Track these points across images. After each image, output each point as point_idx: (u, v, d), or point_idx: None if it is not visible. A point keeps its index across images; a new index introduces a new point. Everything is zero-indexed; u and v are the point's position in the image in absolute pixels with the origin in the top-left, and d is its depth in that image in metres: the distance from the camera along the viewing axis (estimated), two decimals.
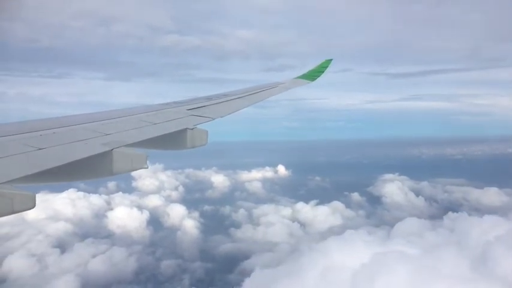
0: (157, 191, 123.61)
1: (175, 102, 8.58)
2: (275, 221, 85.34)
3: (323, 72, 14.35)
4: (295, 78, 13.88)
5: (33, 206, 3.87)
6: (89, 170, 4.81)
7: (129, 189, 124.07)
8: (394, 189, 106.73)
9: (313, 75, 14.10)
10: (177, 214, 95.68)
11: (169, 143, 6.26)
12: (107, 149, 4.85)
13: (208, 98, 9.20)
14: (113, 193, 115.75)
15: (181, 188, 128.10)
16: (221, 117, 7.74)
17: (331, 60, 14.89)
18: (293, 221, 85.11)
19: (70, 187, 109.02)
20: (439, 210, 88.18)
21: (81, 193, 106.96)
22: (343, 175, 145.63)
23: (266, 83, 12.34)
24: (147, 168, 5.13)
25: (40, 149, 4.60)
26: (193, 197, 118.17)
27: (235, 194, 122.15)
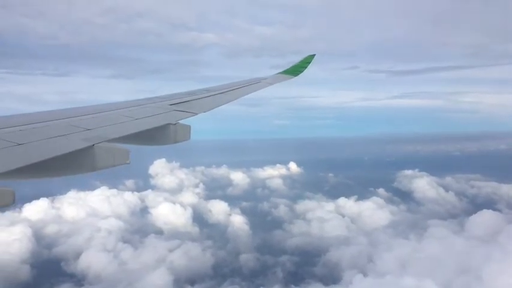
0: (180, 188, 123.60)
1: (158, 97, 8.58)
2: (325, 216, 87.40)
3: (306, 67, 14.45)
4: (278, 73, 13.90)
5: (12, 202, 3.79)
6: (70, 165, 4.75)
7: (149, 186, 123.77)
8: (423, 184, 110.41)
9: (296, 70, 14.20)
10: (220, 210, 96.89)
11: (152, 138, 6.25)
12: (88, 144, 4.81)
13: (191, 93, 9.22)
14: (132, 190, 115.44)
15: (201, 186, 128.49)
16: (204, 112, 7.76)
17: (314, 55, 15.00)
18: (343, 216, 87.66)
19: (98, 186, 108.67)
20: (476, 206, 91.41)
21: (114, 190, 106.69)
22: (355, 172, 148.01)
23: (249, 78, 12.44)
24: (129, 163, 5.08)
25: (19, 144, 4.49)
26: (217, 194, 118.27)
27: (258, 191, 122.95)
